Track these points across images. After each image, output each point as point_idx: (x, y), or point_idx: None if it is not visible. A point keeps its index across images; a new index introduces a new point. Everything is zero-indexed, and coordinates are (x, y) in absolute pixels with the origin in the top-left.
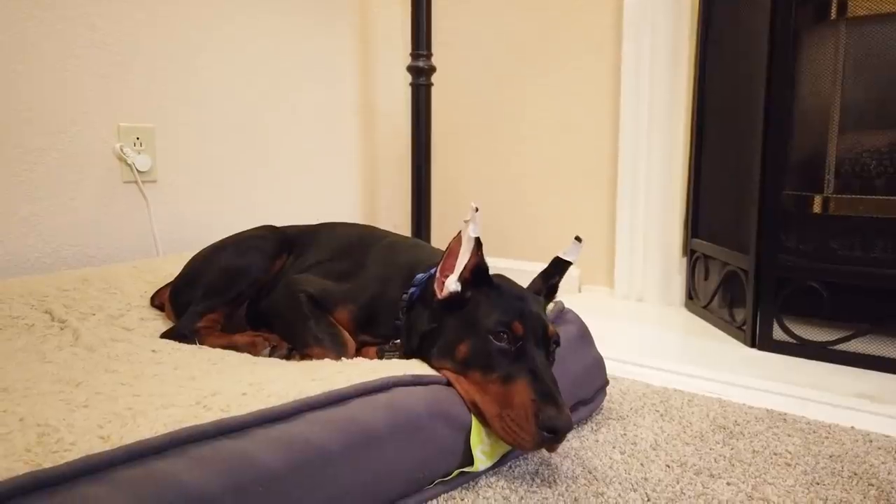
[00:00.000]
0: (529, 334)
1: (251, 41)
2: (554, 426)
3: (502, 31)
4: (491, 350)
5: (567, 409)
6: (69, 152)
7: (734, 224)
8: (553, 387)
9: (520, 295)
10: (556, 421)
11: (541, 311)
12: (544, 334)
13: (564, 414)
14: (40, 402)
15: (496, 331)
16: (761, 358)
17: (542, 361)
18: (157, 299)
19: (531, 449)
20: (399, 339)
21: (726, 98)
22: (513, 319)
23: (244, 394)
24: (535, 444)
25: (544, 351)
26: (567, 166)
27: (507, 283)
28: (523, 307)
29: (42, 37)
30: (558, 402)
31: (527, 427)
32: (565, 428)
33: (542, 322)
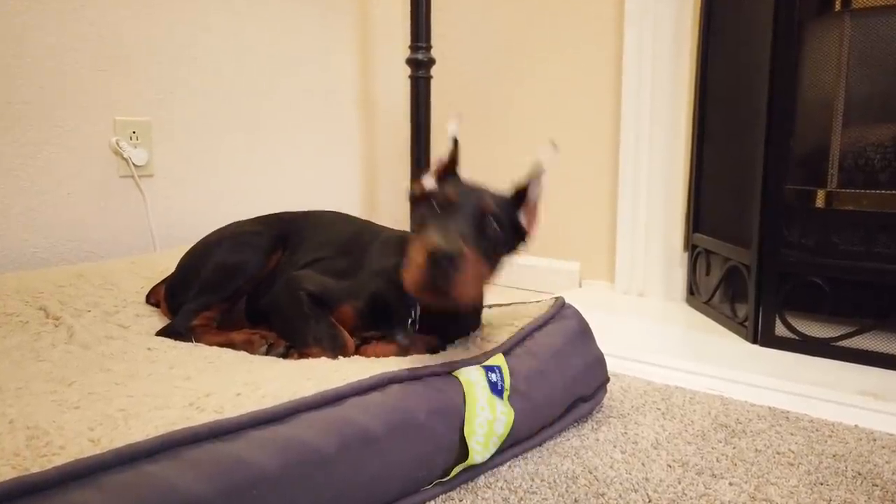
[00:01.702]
0: (463, 203)
1: (249, 34)
2: (432, 249)
3: (502, 22)
4: (427, 217)
5: (461, 245)
6: (65, 146)
7: (736, 219)
8: (452, 228)
9: (472, 181)
10: (435, 246)
11: (485, 193)
12: (479, 209)
13: (449, 242)
14: (32, 402)
15: (434, 201)
16: (763, 354)
17: (463, 223)
18: (153, 297)
19: (421, 285)
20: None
21: (729, 90)
22: (449, 190)
23: (238, 394)
24: (424, 277)
25: (475, 220)
26: (567, 158)
27: (467, 179)
28: (469, 185)
29: (37, 30)
30: (445, 234)
31: (418, 261)
32: (440, 249)
33: (478, 196)
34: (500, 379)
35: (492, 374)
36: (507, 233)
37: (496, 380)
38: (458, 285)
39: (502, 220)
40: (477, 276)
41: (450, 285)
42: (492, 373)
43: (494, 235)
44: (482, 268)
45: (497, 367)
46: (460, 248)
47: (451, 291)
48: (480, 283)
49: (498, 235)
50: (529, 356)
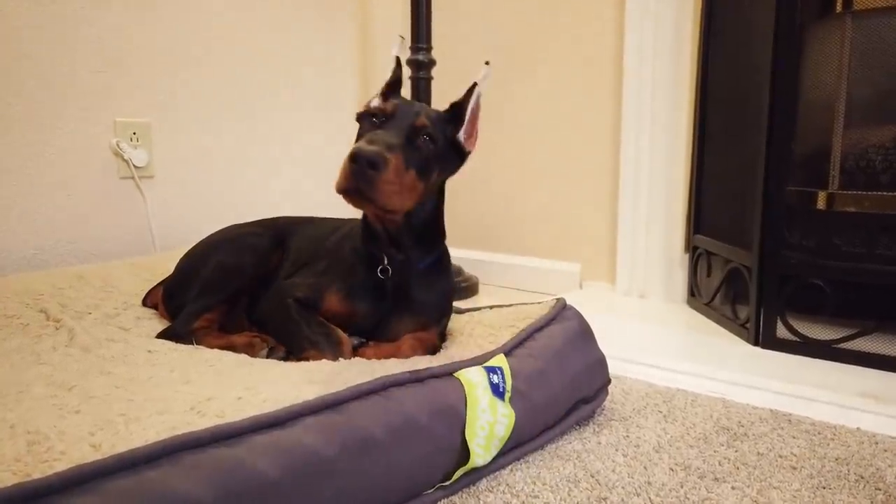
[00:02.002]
0: (397, 116)
1: (249, 34)
2: (354, 152)
3: (502, 23)
4: (363, 130)
5: (382, 147)
6: (65, 148)
7: (737, 220)
8: (380, 137)
9: (409, 99)
10: (357, 149)
11: (420, 108)
12: (412, 122)
13: (371, 148)
14: (33, 407)
15: (371, 113)
16: (765, 356)
17: (393, 133)
18: (150, 299)
19: (342, 186)
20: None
21: (730, 91)
22: (388, 105)
23: (239, 398)
24: (344, 178)
25: (408, 134)
26: (567, 159)
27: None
28: (406, 101)
29: (37, 31)
30: (371, 139)
31: (344, 167)
32: (360, 151)
33: (417, 111)
34: (501, 380)
35: (493, 375)
36: (440, 147)
37: (498, 381)
38: (377, 187)
39: (435, 133)
40: (404, 185)
41: (369, 186)
42: (493, 374)
43: (426, 148)
44: (410, 177)
45: (499, 367)
46: (380, 152)
47: (370, 192)
48: (409, 192)
49: (430, 148)
50: (530, 357)
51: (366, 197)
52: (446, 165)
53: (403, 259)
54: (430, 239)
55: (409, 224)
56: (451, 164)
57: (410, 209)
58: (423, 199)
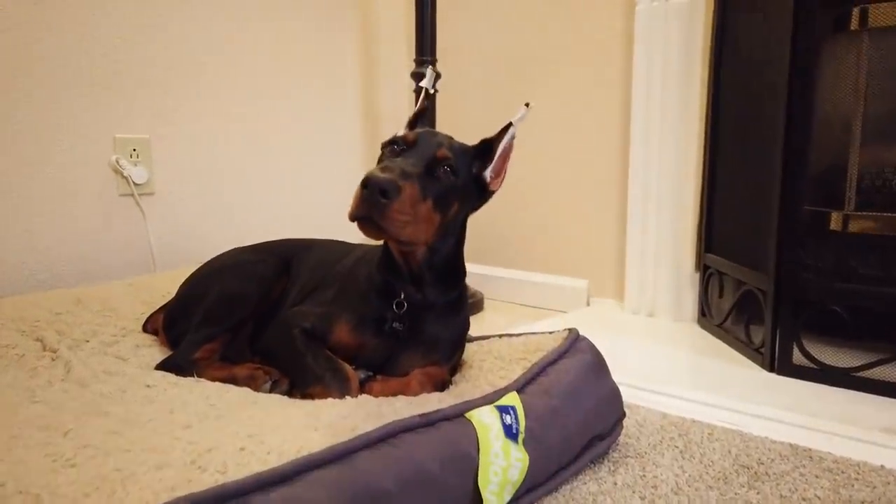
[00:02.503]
0: (419, 145)
1: (250, 48)
2: (366, 178)
3: (508, 37)
4: (385, 156)
5: (395, 175)
6: (64, 165)
7: (750, 240)
8: (400, 164)
9: (434, 130)
10: (369, 175)
11: (443, 139)
12: (433, 153)
13: (384, 175)
14: (24, 457)
15: (392, 142)
16: (781, 384)
17: (413, 162)
18: (151, 325)
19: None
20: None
21: (742, 109)
22: (410, 134)
23: (242, 449)
24: (356, 205)
25: (427, 164)
26: (574, 174)
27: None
28: (427, 130)
29: (35, 47)
30: (385, 167)
31: (356, 192)
32: (373, 180)
33: (435, 141)
34: (514, 420)
35: (506, 415)
36: (462, 180)
37: (511, 422)
38: (388, 216)
39: (456, 165)
40: (418, 215)
41: (381, 215)
42: (506, 414)
43: (446, 179)
44: (425, 208)
45: (511, 407)
46: (392, 179)
47: (382, 221)
48: (424, 224)
49: (450, 180)
50: (544, 394)
51: (377, 225)
52: (467, 200)
53: (421, 297)
54: (451, 278)
55: (430, 260)
56: (472, 201)
57: (428, 243)
58: (444, 235)
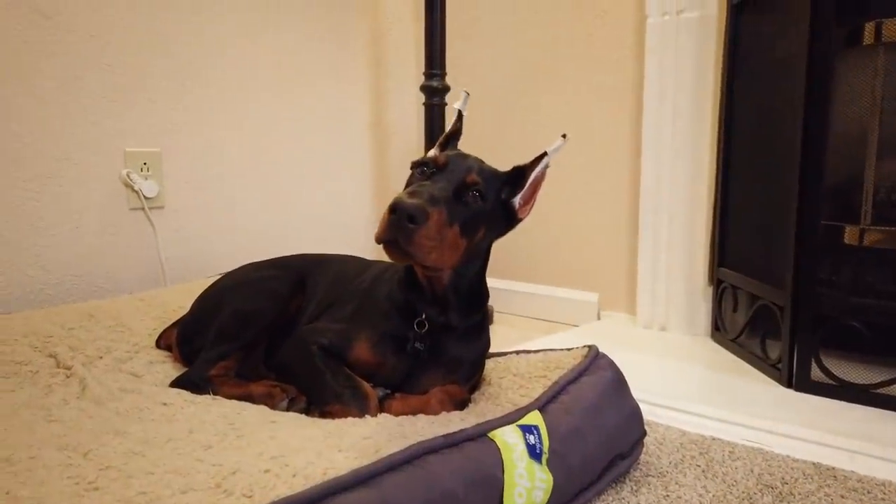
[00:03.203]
0: (449, 170)
1: (260, 62)
2: (393, 202)
3: (518, 51)
4: (414, 179)
5: (423, 200)
6: (74, 179)
7: (765, 255)
8: (429, 188)
9: (463, 151)
10: (396, 200)
11: (473, 163)
12: (463, 178)
13: (409, 199)
14: (46, 479)
15: (422, 164)
16: (799, 400)
17: (443, 186)
18: (164, 340)
19: (380, 236)
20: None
21: (756, 123)
22: (441, 156)
23: (267, 471)
24: (383, 229)
25: (457, 188)
26: (585, 186)
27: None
28: (458, 153)
29: (44, 59)
30: (413, 192)
31: (384, 216)
32: (401, 206)
33: (465, 165)
34: (538, 441)
35: (530, 435)
36: (490, 206)
37: (534, 442)
38: (415, 242)
39: (485, 191)
40: (445, 241)
41: (408, 240)
42: (529, 434)
43: (475, 204)
44: (452, 234)
45: (535, 426)
46: (421, 206)
47: (408, 247)
48: (451, 250)
49: (478, 205)
50: (566, 413)
51: (404, 250)
52: (494, 226)
53: (444, 320)
54: (475, 301)
55: (455, 284)
56: (499, 227)
57: (454, 268)
58: (469, 259)
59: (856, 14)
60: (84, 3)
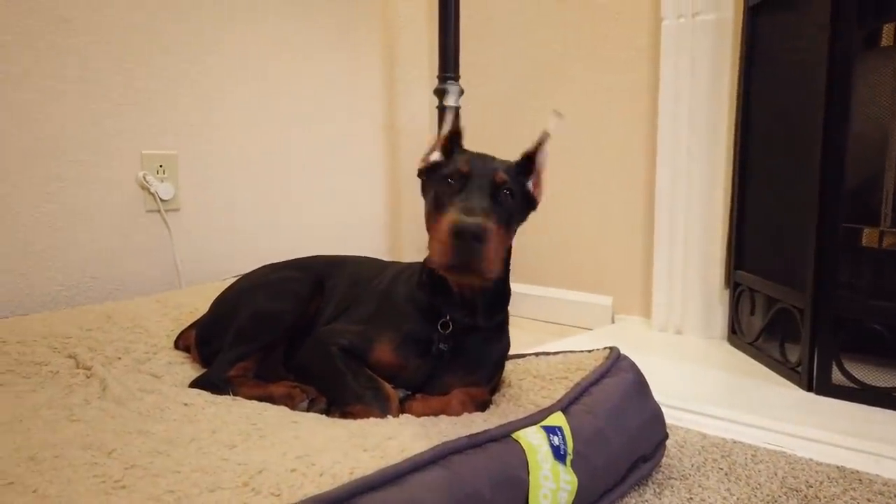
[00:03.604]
0: (476, 176)
1: (274, 65)
2: (456, 226)
3: (531, 53)
4: (438, 195)
5: (484, 218)
6: (91, 181)
7: (784, 257)
8: (476, 204)
9: (478, 153)
10: (459, 223)
11: (495, 162)
12: (493, 179)
13: (473, 220)
14: (72, 478)
15: (444, 177)
16: (820, 404)
17: (481, 195)
18: (182, 341)
19: (447, 263)
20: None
21: (773, 125)
22: (459, 163)
23: (293, 470)
24: (449, 255)
25: (491, 191)
26: (599, 189)
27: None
28: (477, 156)
29: (63, 62)
30: (471, 210)
31: (442, 238)
32: (467, 228)
33: (490, 166)
34: (562, 442)
35: (553, 436)
36: (518, 199)
37: (559, 443)
38: (484, 259)
39: (514, 189)
40: (499, 248)
41: (477, 260)
42: (553, 435)
43: (508, 202)
44: (503, 238)
45: (558, 427)
46: (484, 224)
47: (479, 266)
48: (502, 254)
49: (512, 204)
50: (588, 414)
51: (472, 269)
52: (521, 218)
53: (470, 321)
54: (500, 302)
55: (484, 287)
56: (523, 216)
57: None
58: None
59: (875, 15)
60: (103, 7)
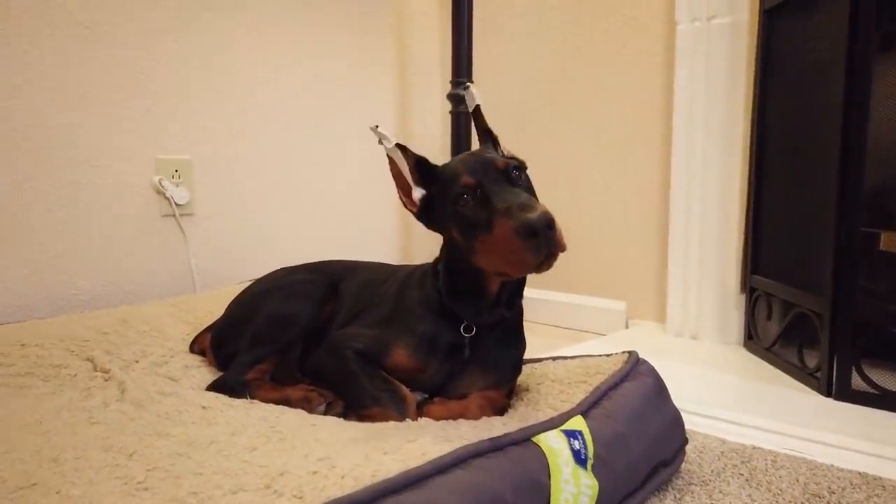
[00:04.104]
0: (483, 178)
1: (288, 71)
2: (529, 226)
3: (545, 58)
4: (465, 215)
5: (541, 207)
6: (107, 186)
7: (802, 262)
8: (518, 199)
9: (461, 158)
10: (529, 221)
11: (485, 153)
12: (497, 169)
13: (537, 211)
14: (95, 480)
15: (456, 197)
16: (840, 409)
17: (505, 189)
18: (197, 345)
19: (535, 263)
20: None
21: (790, 128)
22: (460, 177)
23: (315, 473)
24: (534, 256)
25: (506, 181)
26: (612, 193)
27: (451, 161)
28: (466, 161)
29: (81, 68)
30: (526, 205)
31: (517, 246)
32: (540, 222)
33: (488, 160)
34: (583, 446)
35: (574, 440)
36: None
37: (579, 447)
38: (560, 238)
39: (512, 161)
40: None
41: (556, 244)
42: (574, 439)
43: (524, 178)
44: None
45: (578, 431)
46: (541, 207)
47: (559, 248)
48: None
49: (524, 177)
50: (608, 418)
51: (555, 256)
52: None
53: (489, 318)
54: (519, 292)
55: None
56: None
57: None
58: None
59: (893, 18)
60: (121, 14)
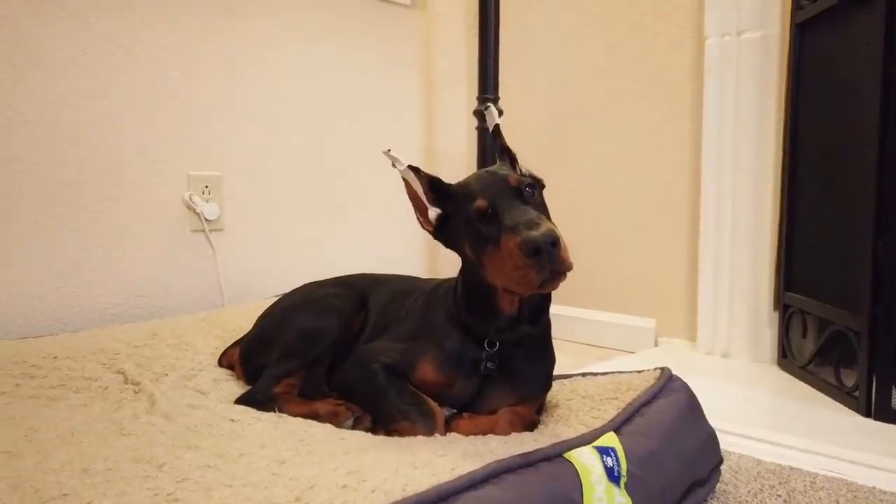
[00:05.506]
0: (495, 196)
1: (316, 88)
2: (532, 243)
3: (571, 73)
4: (476, 231)
5: (546, 224)
6: (140, 201)
7: (838, 278)
8: (526, 216)
9: (475, 176)
10: (532, 238)
11: (500, 170)
12: (510, 187)
13: (542, 229)
14: (126, 491)
15: (471, 215)
16: (880, 429)
17: (515, 207)
18: (226, 359)
19: (537, 282)
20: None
21: (824, 141)
22: (474, 195)
23: (344, 486)
24: (537, 273)
25: (518, 198)
26: (641, 209)
27: (465, 179)
28: (480, 178)
29: (113, 85)
30: (532, 223)
31: (520, 262)
32: (543, 239)
33: (501, 177)
34: (616, 463)
35: (607, 457)
36: (536, 189)
37: (612, 464)
38: (565, 258)
39: (526, 179)
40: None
41: (560, 262)
42: (607, 456)
43: (536, 197)
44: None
45: (611, 448)
46: (547, 225)
47: (564, 266)
48: None
49: (537, 195)
50: (642, 436)
51: (560, 274)
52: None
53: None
54: (543, 307)
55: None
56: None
57: None
58: None
59: None
60: (153, 31)
